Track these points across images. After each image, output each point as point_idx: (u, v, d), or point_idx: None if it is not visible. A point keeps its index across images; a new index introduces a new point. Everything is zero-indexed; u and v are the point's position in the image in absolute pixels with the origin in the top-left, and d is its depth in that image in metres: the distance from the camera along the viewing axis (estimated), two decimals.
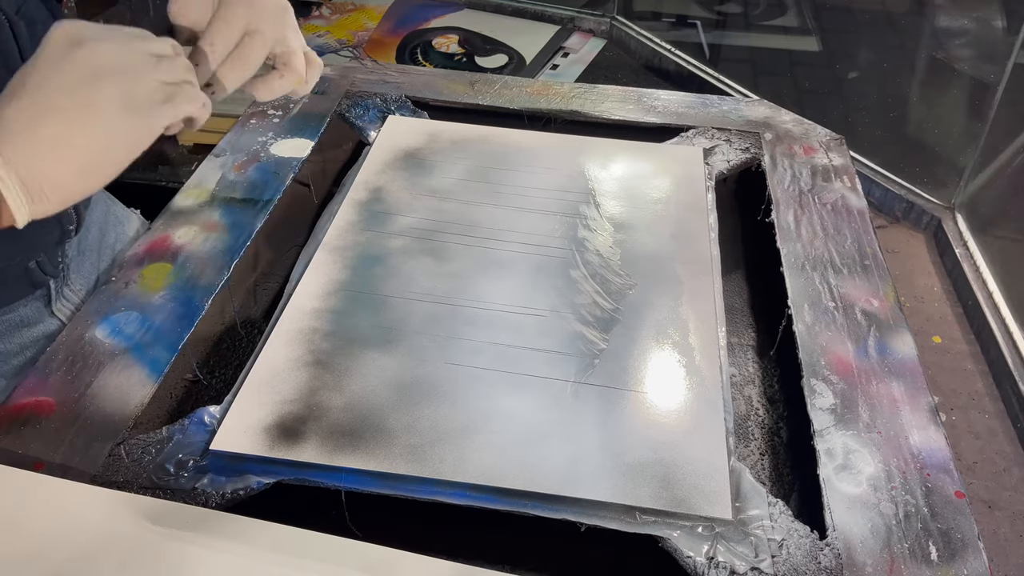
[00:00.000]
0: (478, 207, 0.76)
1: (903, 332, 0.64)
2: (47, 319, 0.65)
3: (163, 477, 0.52)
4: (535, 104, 0.91)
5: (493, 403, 0.57)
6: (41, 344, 0.64)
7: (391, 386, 0.58)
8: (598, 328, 0.64)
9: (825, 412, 0.58)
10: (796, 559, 0.49)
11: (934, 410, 0.58)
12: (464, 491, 0.52)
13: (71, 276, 0.68)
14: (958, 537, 0.51)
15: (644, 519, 0.51)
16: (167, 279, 0.66)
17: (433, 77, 0.96)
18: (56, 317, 0.66)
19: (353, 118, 0.88)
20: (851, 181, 0.81)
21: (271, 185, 0.77)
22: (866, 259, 0.71)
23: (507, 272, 0.69)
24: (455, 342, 0.62)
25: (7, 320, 0.62)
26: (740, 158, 0.84)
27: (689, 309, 0.66)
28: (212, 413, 0.57)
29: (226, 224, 0.72)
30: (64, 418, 0.55)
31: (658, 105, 0.91)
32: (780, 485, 0.60)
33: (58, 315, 0.66)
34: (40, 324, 0.65)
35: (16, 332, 0.63)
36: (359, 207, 0.75)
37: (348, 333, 0.62)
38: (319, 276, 0.68)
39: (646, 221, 0.75)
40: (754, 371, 0.70)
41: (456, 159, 0.82)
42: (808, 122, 0.90)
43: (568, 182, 0.80)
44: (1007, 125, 1.01)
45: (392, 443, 0.54)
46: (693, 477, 0.53)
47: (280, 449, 0.53)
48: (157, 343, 0.61)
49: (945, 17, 1.24)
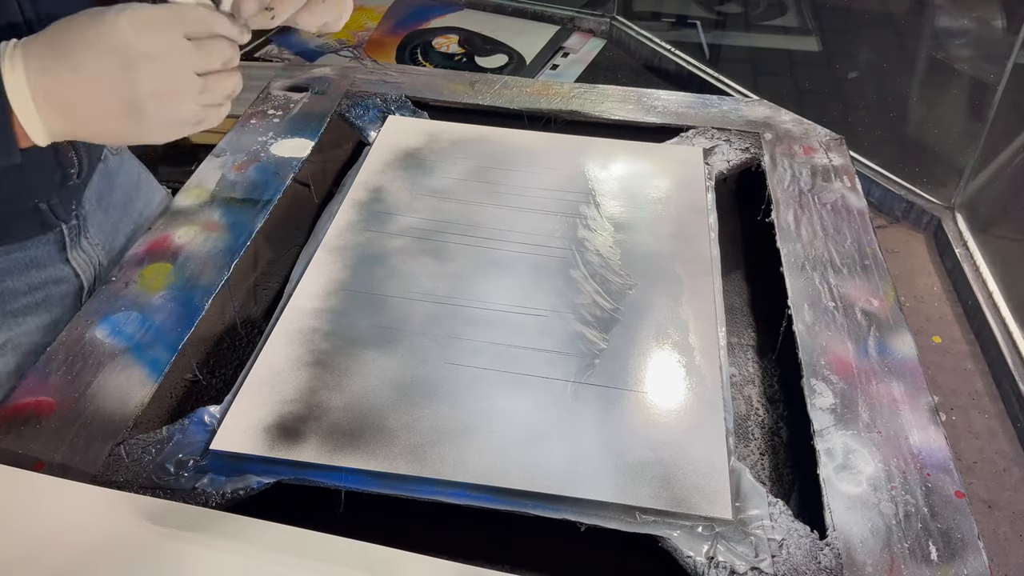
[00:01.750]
0: (478, 207, 0.76)
1: (903, 332, 0.64)
2: (59, 264, 0.67)
3: (163, 477, 0.52)
4: (535, 104, 0.91)
5: (493, 403, 0.57)
6: (49, 289, 0.66)
7: (391, 386, 0.58)
8: (598, 328, 0.64)
9: (825, 412, 0.58)
10: (796, 559, 0.49)
11: (934, 410, 0.58)
12: (464, 491, 0.52)
13: (89, 228, 0.70)
14: (958, 537, 0.50)
15: (644, 519, 0.51)
16: (167, 279, 0.66)
17: (433, 77, 0.96)
18: (70, 265, 0.68)
19: (353, 118, 0.88)
20: (851, 181, 0.81)
21: (271, 185, 0.77)
22: (866, 259, 0.71)
23: (507, 272, 0.69)
24: (455, 342, 0.62)
25: (18, 258, 0.64)
26: (740, 158, 0.84)
27: (689, 309, 0.66)
28: (212, 413, 0.57)
29: (226, 224, 0.72)
30: (64, 418, 0.55)
31: (658, 105, 0.91)
32: (780, 485, 0.60)
33: (72, 263, 0.68)
34: (51, 267, 0.66)
35: (26, 271, 0.64)
36: (359, 207, 0.75)
37: (348, 333, 0.62)
38: (319, 276, 0.68)
39: (646, 221, 0.75)
40: (754, 371, 0.70)
41: (456, 159, 0.82)
42: (808, 122, 0.90)
43: (568, 182, 0.80)
44: (1007, 125, 1.01)
45: (392, 443, 0.54)
46: (693, 477, 0.53)
47: (280, 449, 0.53)
48: (157, 343, 0.61)
49: (945, 17, 1.24)
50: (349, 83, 0.93)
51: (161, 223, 0.72)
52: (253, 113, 0.88)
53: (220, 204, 0.75)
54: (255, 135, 0.84)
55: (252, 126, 0.85)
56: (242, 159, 0.80)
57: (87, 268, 0.69)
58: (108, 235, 0.72)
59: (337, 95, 0.91)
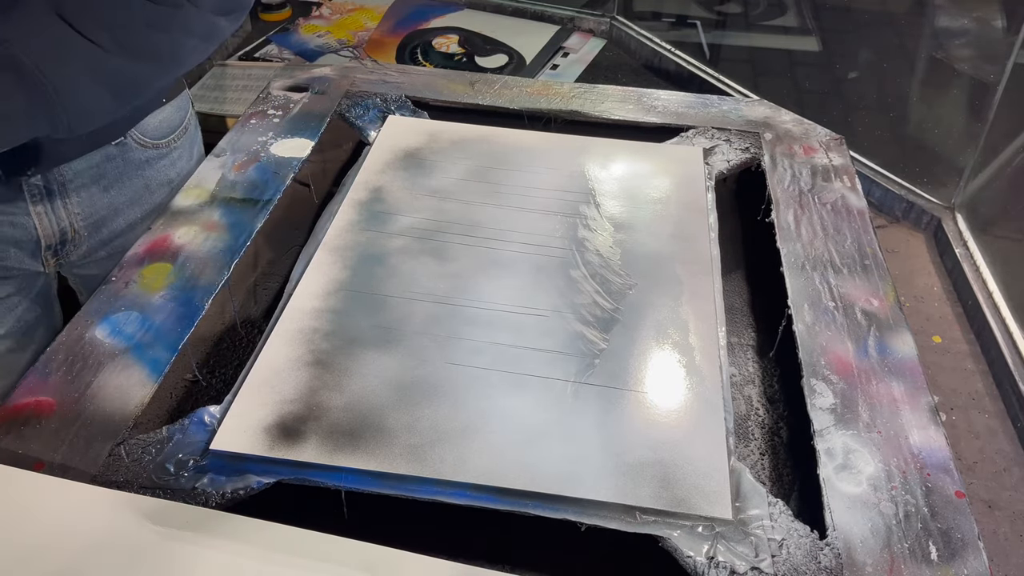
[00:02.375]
0: (478, 207, 0.76)
1: (903, 332, 0.64)
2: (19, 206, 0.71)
3: (163, 477, 0.52)
4: (535, 104, 0.91)
5: (493, 403, 0.57)
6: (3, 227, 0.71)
7: (391, 386, 0.58)
8: (598, 328, 0.64)
9: (825, 412, 0.58)
10: (796, 559, 0.49)
11: (934, 410, 0.58)
12: (464, 491, 0.52)
13: (70, 194, 0.74)
14: (958, 537, 0.51)
15: (644, 519, 0.51)
16: (167, 279, 0.66)
17: (433, 77, 0.96)
18: (31, 218, 0.72)
19: (353, 118, 0.88)
20: (851, 181, 0.81)
21: (271, 185, 0.77)
22: (866, 259, 0.71)
23: (507, 272, 0.69)
24: (455, 342, 0.62)
25: None
26: (740, 158, 0.84)
27: (689, 309, 0.66)
28: (212, 413, 0.57)
29: (226, 224, 0.72)
30: (64, 418, 0.55)
31: (658, 105, 0.91)
32: (780, 485, 0.60)
33: (34, 216, 0.72)
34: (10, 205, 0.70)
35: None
36: (359, 207, 0.75)
37: (348, 333, 0.62)
38: (319, 276, 0.68)
39: (646, 221, 0.75)
40: (754, 371, 0.70)
41: (456, 159, 0.82)
42: (808, 122, 0.90)
43: (568, 182, 0.80)
44: (1007, 125, 1.01)
45: (392, 443, 0.54)
46: (693, 477, 0.53)
47: (280, 449, 0.53)
48: (157, 343, 0.61)
49: (945, 17, 1.24)
50: (349, 83, 0.93)
51: (161, 223, 0.72)
52: (253, 113, 0.88)
53: (220, 204, 0.75)
54: (255, 135, 0.84)
55: (252, 126, 0.85)
56: (242, 159, 0.80)
57: (50, 229, 0.73)
58: (98, 212, 0.76)
59: (337, 95, 0.91)
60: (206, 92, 1.26)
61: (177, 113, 0.84)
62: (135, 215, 0.81)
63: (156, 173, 0.82)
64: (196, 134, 0.89)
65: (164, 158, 0.82)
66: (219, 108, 1.21)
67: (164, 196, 0.82)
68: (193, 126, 0.88)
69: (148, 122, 0.79)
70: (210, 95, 1.25)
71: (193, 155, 0.88)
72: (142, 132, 0.79)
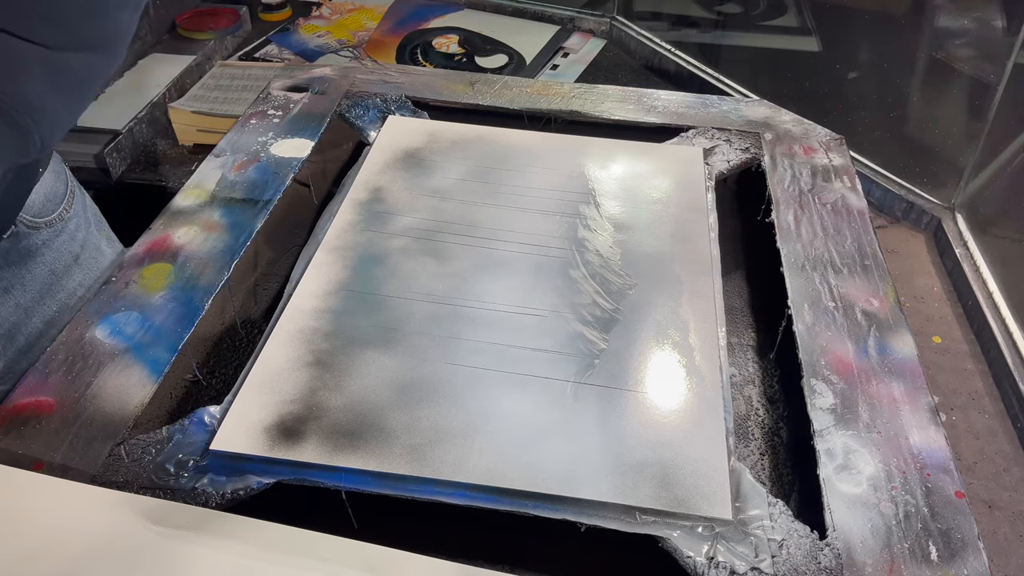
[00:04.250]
0: (478, 207, 0.76)
1: (903, 332, 0.64)
2: None
3: (163, 477, 0.52)
4: (535, 104, 0.91)
5: (493, 403, 0.57)
6: None
7: (391, 386, 0.58)
8: (598, 328, 0.64)
9: (825, 412, 0.58)
10: (796, 559, 0.49)
11: (934, 410, 0.58)
12: (464, 491, 0.52)
13: None
14: (958, 537, 0.51)
15: (644, 519, 0.51)
16: (167, 279, 0.66)
17: (433, 77, 0.96)
18: None
19: (353, 118, 0.88)
20: (851, 181, 0.81)
21: (271, 185, 0.77)
22: (866, 259, 0.71)
23: (507, 272, 0.69)
24: (455, 342, 0.62)
25: None
26: (740, 158, 0.84)
27: (689, 309, 0.66)
28: (212, 413, 0.57)
29: (226, 224, 0.72)
30: (64, 418, 0.55)
31: (658, 105, 0.91)
32: (780, 485, 0.60)
33: None
34: None
35: None
36: (359, 207, 0.75)
37: (348, 333, 0.62)
38: (319, 276, 0.68)
39: (646, 221, 0.75)
40: (754, 371, 0.70)
41: (456, 159, 0.82)
42: (808, 122, 0.90)
43: (568, 182, 0.80)
44: (1007, 125, 1.01)
45: (392, 443, 0.54)
46: (693, 477, 0.53)
47: (280, 449, 0.53)
48: (157, 343, 0.61)
49: (945, 17, 1.24)
50: (349, 83, 0.93)
51: (161, 223, 0.72)
52: (253, 113, 0.88)
53: (220, 204, 0.75)
54: (255, 135, 0.84)
55: (252, 126, 0.85)
56: (242, 159, 0.80)
57: None
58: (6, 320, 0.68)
59: (337, 95, 0.91)
60: (206, 92, 1.26)
61: (58, 180, 0.73)
62: (51, 310, 0.72)
63: (58, 254, 0.72)
64: (83, 196, 0.78)
65: (61, 233, 0.73)
66: (219, 108, 1.21)
67: (78, 277, 0.74)
68: (78, 188, 0.77)
69: (32, 200, 0.69)
70: (210, 95, 1.25)
71: (90, 220, 0.77)
72: (29, 213, 0.69)
